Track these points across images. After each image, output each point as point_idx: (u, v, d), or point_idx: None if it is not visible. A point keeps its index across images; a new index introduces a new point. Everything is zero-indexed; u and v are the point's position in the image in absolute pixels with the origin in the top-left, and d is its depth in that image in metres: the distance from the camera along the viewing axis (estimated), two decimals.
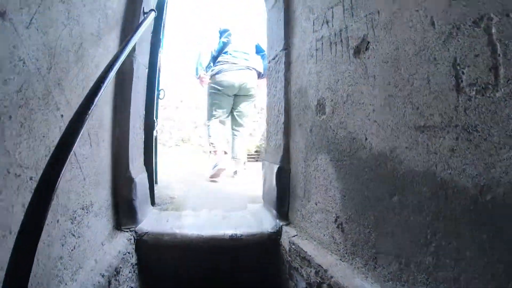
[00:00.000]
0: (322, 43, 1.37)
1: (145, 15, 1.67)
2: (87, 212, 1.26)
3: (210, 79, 3.31)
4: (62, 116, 1.05)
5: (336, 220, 1.32)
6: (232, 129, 3.57)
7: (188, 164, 5.52)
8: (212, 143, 3.41)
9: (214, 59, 3.30)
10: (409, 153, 0.92)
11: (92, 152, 1.33)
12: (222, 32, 3.37)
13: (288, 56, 1.72)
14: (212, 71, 3.28)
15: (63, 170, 0.67)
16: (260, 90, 3.45)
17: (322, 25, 1.37)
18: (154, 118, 2.19)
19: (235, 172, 3.55)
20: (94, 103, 0.90)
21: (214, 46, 3.28)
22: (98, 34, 1.33)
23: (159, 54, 2.14)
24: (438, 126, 0.82)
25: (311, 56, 1.47)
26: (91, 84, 0.96)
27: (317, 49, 1.42)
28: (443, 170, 0.79)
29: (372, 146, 1.08)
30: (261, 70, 3.44)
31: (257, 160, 6.82)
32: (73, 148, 0.74)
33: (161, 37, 2.13)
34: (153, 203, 2.18)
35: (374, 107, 1.07)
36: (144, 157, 2.05)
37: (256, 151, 6.94)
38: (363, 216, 1.11)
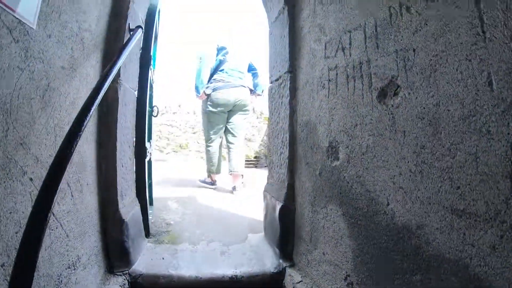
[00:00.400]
0: (337, 74, 1.17)
1: (131, 33, 1.46)
2: (74, 269, 1.10)
3: (206, 95, 3.32)
4: (31, 179, 0.86)
5: (346, 278, 1.16)
6: (228, 142, 3.53)
7: (185, 171, 5.33)
8: (211, 169, 3.55)
9: (210, 76, 3.32)
10: (440, 236, 0.75)
11: (75, 202, 1.14)
12: (219, 50, 3.38)
13: (293, 80, 1.52)
14: (207, 88, 3.29)
15: (40, 249, 0.61)
16: (253, 105, 3.53)
17: (337, 51, 1.17)
18: (147, 143, 1.98)
19: (234, 188, 3.48)
20: (73, 149, 0.76)
21: (212, 63, 3.30)
22: (72, 66, 1.12)
23: (150, 73, 1.92)
24: (481, 216, 0.65)
25: (322, 87, 1.27)
26: (66, 128, 0.84)
27: (329, 80, 1.21)
28: (479, 266, 0.66)
29: (395, 214, 0.89)
30: (252, 88, 3.52)
31: (256, 166, 6.62)
32: (51, 211, 0.65)
33: (151, 54, 1.91)
34: (147, 234, 1.99)
35: (401, 170, 0.87)
36: (137, 188, 1.85)
37: (255, 157, 6.74)
38: (378, 285, 0.96)
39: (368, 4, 0.99)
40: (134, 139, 1.80)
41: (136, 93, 1.76)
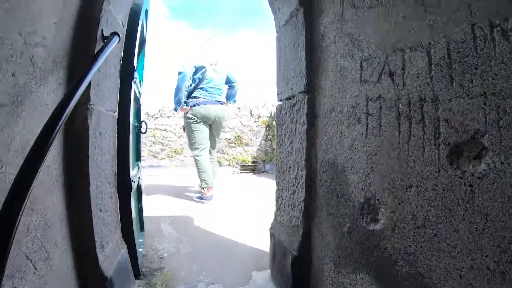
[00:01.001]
0: (381, 108, 0.85)
1: (104, 42, 1.13)
2: None
3: (186, 109, 3.41)
4: None
5: None
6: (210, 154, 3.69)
7: (180, 179, 4.99)
8: (205, 180, 3.45)
9: (189, 93, 3.41)
10: None
11: (40, 275, 0.86)
12: (198, 68, 3.44)
13: (312, 104, 1.19)
14: (187, 104, 3.39)
15: None
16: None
17: (381, 75, 0.84)
18: (132, 171, 1.64)
19: (208, 198, 3.53)
20: (16, 224, 0.55)
21: (189, 82, 3.39)
22: (17, 99, 0.78)
23: (133, 88, 1.58)
24: None
25: (357, 121, 0.94)
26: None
27: (368, 114, 0.89)
28: None
29: None
30: (226, 97, 3.68)
31: (253, 171, 6.30)
32: None
33: (136, 63, 1.57)
34: (137, 274, 1.66)
35: (475, 263, 0.57)
36: (122, 228, 1.53)
37: (253, 162, 6.41)
38: None
39: (435, 16, 0.67)
40: (116, 169, 1.47)
41: (116, 114, 1.42)
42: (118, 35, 1.15)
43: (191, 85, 3.43)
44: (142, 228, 2.30)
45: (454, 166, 0.64)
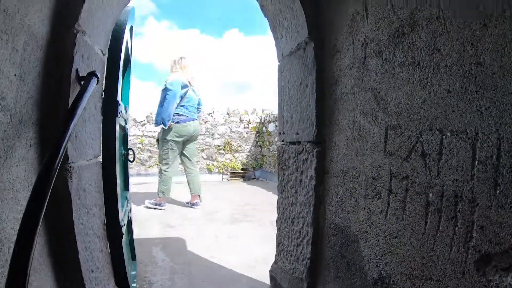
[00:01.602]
0: (407, 190, 0.72)
1: (82, 85, 0.96)
2: None
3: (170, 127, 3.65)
4: None
5: None
6: (186, 167, 3.94)
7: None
8: (163, 192, 3.75)
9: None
10: None
11: None
12: (183, 87, 3.68)
13: (322, 158, 1.05)
14: (171, 121, 3.62)
15: None
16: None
17: (411, 153, 0.72)
18: (121, 221, 1.46)
19: (195, 204, 3.89)
20: None
21: (178, 98, 3.63)
22: None
23: (117, 125, 1.41)
24: None
25: (376, 195, 0.82)
26: None
27: (391, 192, 0.77)
28: None
29: None
30: None
31: (243, 178, 6.17)
32: None
33: (119, 97, 1.39)
34: None
35: None
36: (115, 276, 1.37)
37: (242, 169, 6.28)
38: None
39: (488, 102, 0.55)
40: (104, 217, 1.30)
41: (99, 159, 1.25)
42: (96, 76, 0.98)
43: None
44: (133, 257, 2.14)
45: (480, 272, 0.54)
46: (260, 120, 6.35)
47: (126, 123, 1.80)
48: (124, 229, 1.53)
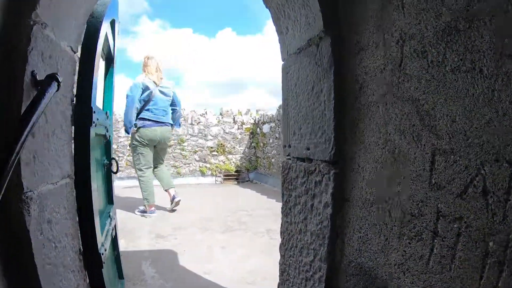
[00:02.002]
0: (459, 235, 0.54)
1: (38, 89, 0.74)
2: None
3: (135, 131, 3.50)
4: None
5: None
6: (156, 167, 3.79)
7: (158, 194, 4.51)
8: (147, 199, 3.57)
9: (138, 114, 3.47)
10: None
11: None
12: (144, 90, 3.48)
13: (341, 182, 0.85)
14: (135, 125, 3.47)
15: None
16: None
17: (467, 188, 0.53)
18: (101, 237, 1.24)
19: (177, 203, 3.74)
20: None
21: (138, 104, 3.45)
22: None
23: (93, 131, 1.18)
24: None
25: (416, 236, 0.63)
26: None
27: (436, 234, 0.58)
28: None
29: None
30: (173, 122, 3.79)
31: (237, 180, 5.96)
32: None
33: (93, 104, 1.16)
34: None
35: None
36: None
37: (236, 171, 6.07)
38: None
39: None
40: (81, 246, 1.08)
41: (71, 181, 1.03)
42: (56, 79, 0.76)
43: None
44: (121, 275, 1.92)
45: None
46: (254, 121, 6.15)
47: (108, 131, 1.58)
48: (106, 253, 1.32)
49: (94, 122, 1.08)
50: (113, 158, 1.71)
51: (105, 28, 1.20)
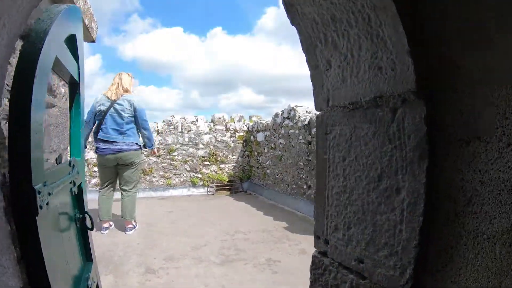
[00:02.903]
0: None
1: None
2: None
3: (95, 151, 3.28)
4: None
5: None
6: (121, 190, 3.37)
7: (146, 210, 4.08)
8: (100, 214, 3.30)
9: (95, 134, 3.18)
10: None
11: None
12: (99, 105, 3.15)
13: None
14: (93, 146, 3.30)
15: None
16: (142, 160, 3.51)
17: None
18: None
19: (128, 229, 3.36)
20: None
21: (89, 127, 3.18)
22: None
23: (41, 229, 0.80)
24: None
25: None
26: None
27: None
28: None
29: None
30: (140, 142, 3.31)
31: (230, 191, 5.58)
32: None
33: (39, 188, 0.77)
34: None
35: None
36: None
37: (229, 181, 5.69)
38: None
39: None
40: None
41: None
42: None
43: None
44: None
45: None
46: (248, 128, 5.78)
47: (75, 184, 1.18)
48: None
49: (40, 207, 0.69)
50: (86, 212, 1.32)
51: (55, 48, 0.81)
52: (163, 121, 5.49)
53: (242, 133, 5.77)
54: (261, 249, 2.94)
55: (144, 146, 3.40)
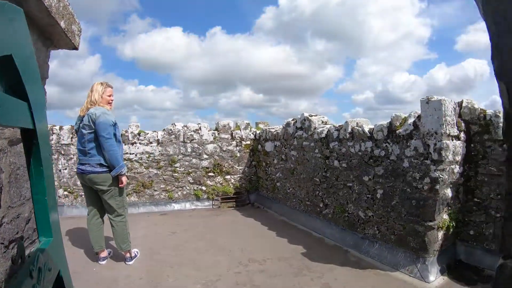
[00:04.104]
0: None
1: None
2: None
3: None
4: None
5: None
6: (109, 219, 2.92)
7: (155, 223, 3.68)
8: (92, 246, 2.93)
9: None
10: None
11: None
12: (78, 119, 2.84)
13: None
14: None
15: None
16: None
17: None
18: None
19: (127, 259, 2.97)
20: None
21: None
22: None
23: None
24: None
25: None
26: None
27: None
28: None
29: None
30: (106, 163, 2.76)
31: (236, 203, 5.19)
32: None
33: None
34: None
35: None
36: None
37: (236, 193, 5.29)
38: None
39: None
40: None
41: None
42: None
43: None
44: None
45: None
46: (255, 136, 5.38)
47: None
48: None
49: None
50: None
51: None
52: (164, 130, 5.07)
53: (248, 142, 5.36)
54: (280, 285, 2.56)
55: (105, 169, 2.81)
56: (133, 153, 4.88)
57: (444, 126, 2.52)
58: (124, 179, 2.83)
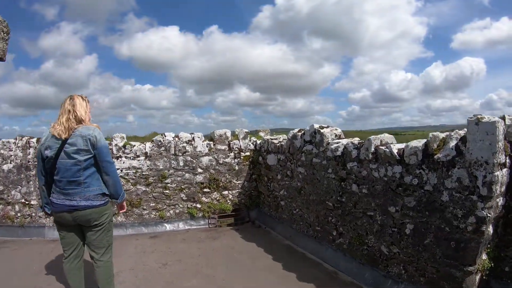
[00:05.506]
0: None
1: None
2: None
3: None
4: None
5: None
6: (92, 259, 2.41)
7: (147, 254, 3.15)
8: None
9: (48, 185, 2.34)
10: None
11: None
12: (45, 149, 2.24)
13: None
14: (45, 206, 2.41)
15: None
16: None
17: None
18: None
19: None
20: None
21: (40, 173, 2.32)
22: None
23: None
24: None
25: None
26: None
27: None
28: None
29: None
30: (107, 193, 2.31)
31: (235, 221, 4.68)
32: None
33: None
34: None
35: None
36: None
37: (234, 210, 4.78)
38: None
39: None
40: None
41: None
42: None
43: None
44: None
45: None
46: (255, 146, 4.85)
47: None
48: None
49: None
50: None
51: None
52: (153, 141, 4.51)
53: (248, 153, 4.84)
54: None
55: (106, 201, 2.36)
56: (118, 169, 4.32)
57: (496, 154, 2.03)
58: (125, 204, 2.49)
